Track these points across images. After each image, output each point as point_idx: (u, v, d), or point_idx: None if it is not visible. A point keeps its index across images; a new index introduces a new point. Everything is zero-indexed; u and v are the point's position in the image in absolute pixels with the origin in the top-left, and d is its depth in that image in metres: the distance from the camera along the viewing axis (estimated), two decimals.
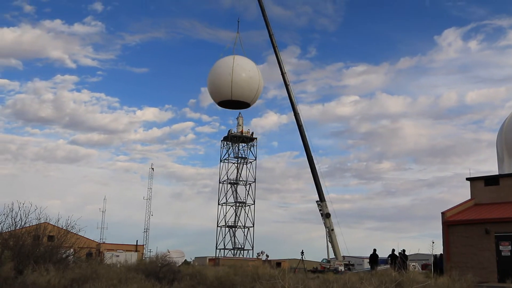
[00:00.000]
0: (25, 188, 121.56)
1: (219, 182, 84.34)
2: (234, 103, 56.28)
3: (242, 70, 54.04)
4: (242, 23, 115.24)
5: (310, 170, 48.34)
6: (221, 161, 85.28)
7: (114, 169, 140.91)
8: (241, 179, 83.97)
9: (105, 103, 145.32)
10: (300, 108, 50.68)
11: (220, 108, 61.80)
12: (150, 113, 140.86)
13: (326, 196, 47.33)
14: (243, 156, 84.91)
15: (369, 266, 35.00)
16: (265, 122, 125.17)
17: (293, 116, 48.42)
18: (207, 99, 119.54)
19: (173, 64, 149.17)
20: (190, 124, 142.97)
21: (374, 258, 34.08)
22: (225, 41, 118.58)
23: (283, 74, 47.58)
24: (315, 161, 48.51)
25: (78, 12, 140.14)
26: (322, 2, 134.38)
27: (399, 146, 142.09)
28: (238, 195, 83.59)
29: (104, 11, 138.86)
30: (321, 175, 48.53)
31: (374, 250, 34.35)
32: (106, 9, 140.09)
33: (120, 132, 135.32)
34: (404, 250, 31.09)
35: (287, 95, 47.58)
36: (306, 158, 48.83)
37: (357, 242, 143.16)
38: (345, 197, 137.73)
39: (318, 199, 47.85)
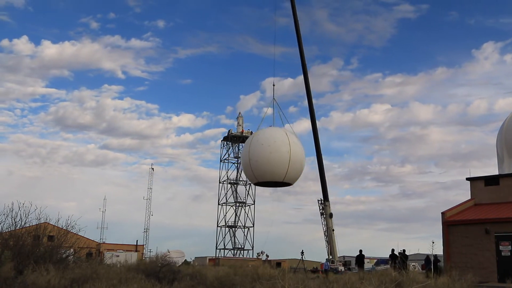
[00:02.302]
0: (46, 190, 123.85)
1: (219, 182, 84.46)
2: (275, 182, 44.56)
3: (297, 147, 42.54)
4: (292, 39, 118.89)
5: (318, 170, 48.25)
6: (221, 161, 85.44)
7: (138, 172, 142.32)
8: (241, 179, 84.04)
9: (143, 110, 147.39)
10: (333, 115, 49.57)
11: (254, 115, 58.64)
12: (186, 119, 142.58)
13: (343, 198, 47.37)
14: None
15: (366, 267, 35.01)
16: (298, 129, 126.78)
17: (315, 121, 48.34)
18: (243, 107, 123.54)
19: (218, 74, 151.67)
20: (222, 130, 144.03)
21: (360, 259, 34.12)
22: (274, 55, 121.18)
23: (308, 89, 48.30)
24: (330, 164, 48.23)
25: (140, 28, 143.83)
26: (373, 19, 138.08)
27: (423, 151, 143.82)
28: (238, 195, 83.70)
29: (165, 27, 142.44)
30: (339, 177, 48.45)
31: (360, 251, 34.44)
32: (168, 25, 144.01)
33: (153, 137, 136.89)
34: (404, 250, 31.13)
35: (314, 100, 48.03)
36: (316, 159, 48.70)
37: (364, 243, 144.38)
38: (361, 199, 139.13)
39: (322, 199, 47.90)
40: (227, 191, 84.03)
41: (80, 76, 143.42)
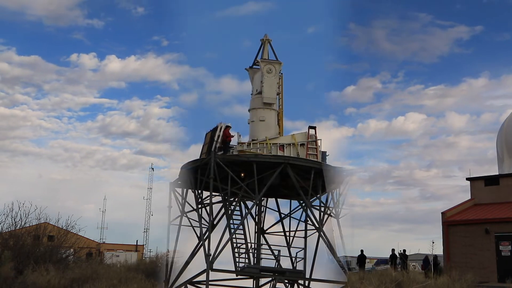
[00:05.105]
0: (69, 192, 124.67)
1: None
2: None
3: None
4: (346, 55, 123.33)
5: None
6: None
7: (163, 175, 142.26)
8: None
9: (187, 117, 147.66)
10: (370, 122, 48.00)
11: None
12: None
13: (363, 201, 47.20)
14: None
15: (366, 267, 34.99)
16: (333, 136, 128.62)
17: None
18: None
19: None
20: None
21: (362, 259, 34.09)
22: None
23: None
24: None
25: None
26: (428, 38, 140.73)
27: (450, 156, 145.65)
28: None
29: None
30: (362, 181, 48.25)
31: (362, 251, 34.41)
32: None
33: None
34: (404, 250, 31.12)
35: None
36: None
37: (373, 243, 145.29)
38: (380, 201, 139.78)
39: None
40: None
41: (135, 87, 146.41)
